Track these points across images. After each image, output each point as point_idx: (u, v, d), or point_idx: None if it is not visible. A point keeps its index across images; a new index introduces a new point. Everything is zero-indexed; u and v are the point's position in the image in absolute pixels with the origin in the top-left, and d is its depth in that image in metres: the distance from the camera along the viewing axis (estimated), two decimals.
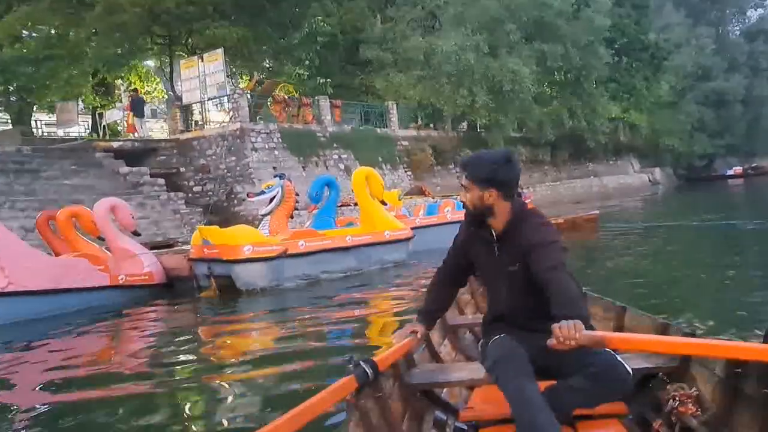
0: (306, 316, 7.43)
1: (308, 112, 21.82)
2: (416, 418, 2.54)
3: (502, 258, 2.37)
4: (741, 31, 62.78)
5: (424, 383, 2.64)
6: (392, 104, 25.47)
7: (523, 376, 2.12)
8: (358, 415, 2.08)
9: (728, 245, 11.28)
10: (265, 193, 10.94)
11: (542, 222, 2.36)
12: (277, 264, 8.65)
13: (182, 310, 8.47)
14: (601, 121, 34.59)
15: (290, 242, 8.94)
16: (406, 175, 24.34)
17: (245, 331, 7.12)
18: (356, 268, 9.84)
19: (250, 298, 8.44)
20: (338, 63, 27.13)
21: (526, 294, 2.31)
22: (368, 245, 9.90)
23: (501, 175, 2.31)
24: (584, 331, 1.91)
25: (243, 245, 8.41)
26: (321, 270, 9.30)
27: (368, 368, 2.15)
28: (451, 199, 14.85)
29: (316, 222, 10.80)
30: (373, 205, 10.26)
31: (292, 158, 20.53)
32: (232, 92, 20.25)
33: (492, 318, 2.52)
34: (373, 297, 8.40)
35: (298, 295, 8.63)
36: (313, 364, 5.09)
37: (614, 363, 2.09)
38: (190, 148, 20.51)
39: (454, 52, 25.22)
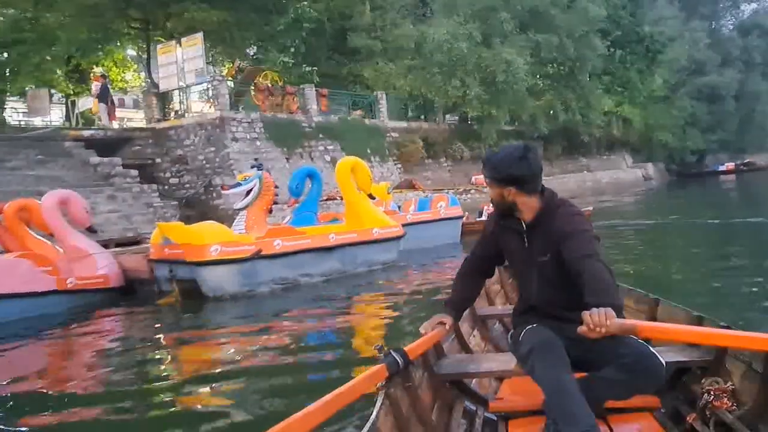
0: (282, 327, 6.46)
1: (293, 101, 20.71)
2: (446, 408, 2.52)
3: (532, 248, 2.35)
4: (734, 25, 62.25)
5: (454, 373, 2.62)
6: (382, 94, 24.47)
7: (560, 365, 2.10)
8: (388, 403, 2.06)
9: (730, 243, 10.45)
10: (241, 185, 9.95)
11: (574, 212, 2.33)
12: (250, 266, 7.57)
13: (141, 319, 7.39)
14: (596, 115, 33.91)
15: (265, 242, 7.85)
16: (396, 168, 23.36)
17: (211, 345, 6.09)
18: (340, 270, 8.76)
19: (218, 305, 7.37)
20: (325, 51, 26.03)
21: (556, 284, 2.29)
22: (354, 244, 8.82)
23: (516, 172, 2.28)
24: (615, 319, 1.89)
25: (209, 245, 7.31)
26: (300, 273, 8.24)
27: (399, 357, 2.13)
28: (444, 194, 13.87)
29: (297, 218, 9.77)
30: (359, 199, 9.17)
31: (275, 149, 19.48)
32: (211, 79, 19.07)
33: (523, 308, 2.50)
34: (360, 303, 7.41)
35: (273, 301, 7.58)
36: (290, 382, 4.46)
37: (647, 354, 2.08)
38: (166, 138, 19.40)
39: (446, 40, 24.31)
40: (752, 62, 55.60)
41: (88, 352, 6.17)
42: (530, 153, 2.31)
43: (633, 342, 2.10)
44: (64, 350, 6.41)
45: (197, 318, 7.13)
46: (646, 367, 2.06)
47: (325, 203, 16.11)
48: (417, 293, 7.36)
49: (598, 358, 2.14)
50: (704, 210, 18.26)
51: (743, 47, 55.67)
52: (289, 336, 6.04)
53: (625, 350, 2.07)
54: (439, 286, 7.73)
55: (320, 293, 7.86)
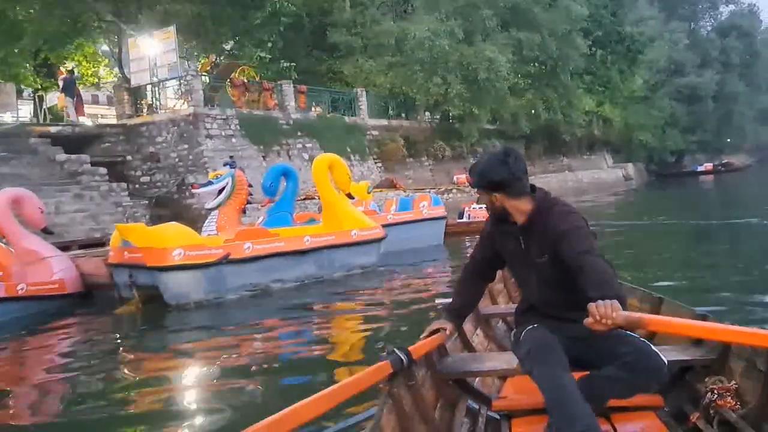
0: (251, 339, 5.91)
1: (270, 97, 20.08)
2: (449, 407, 2.51)
3: (529, 250, 2.32)
4: (713, 26, 62.79)
5: (457, 372, 2.61)
6: (362, 91, 23.94)
7: (558, 365, 2.08)
8: (391, 402, 2.05)
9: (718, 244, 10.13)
10: (212, 183, 9.42)
11: (568, 210, 2.29)
12: (216, 272, 6.98)
13: (97, 330, 6.76)
14: (577, 114, 33.79)
15: (233, 245, 7.24)
16: (376, 167, 22.85)
17: (172, 359, 5.51)
18: (316, 275, 8.16)
19: (182, 314, 6.75)
20: (304, 47, 25.42)
21: (556, 285, 2.26)
22: (331, 247, 8.24)
23: (498, 176, 2.28)
24: (622, 311, 1.85)
25: (172, 248, 6.69)
26: (272, 278, 7.64)
27: (402, 355, 2.10)
28: (426, 193, 13.37)
29: (270, 218, 9.21)
30: (337, 199, 8.62)
31: (251, 147, 18.85)
32: (185, 74, 18.37)
33: (525, 308, 2.48)
34: (337, 311, 6.87)
35: (242, 310, 7.00)
36: (259, 402, 4.01)
37: (649, 353, 2.06)
38: (138, 135, 18.69)
39: (428, 37, 23.87)
40: (730, 63, 56.13)
41: (34, 367, 5.56)
42: (510, 157, 2.29)
43: (634, 340, 2.11)
44: (6, 365, 5.77)
45: (159, 329, 6.54)
46: (648, 366, 2.04)
47: (303, 203, 15.56)
48: (399, 300, 6.85)
49: (600, 356, 2.13)
50: (688, 211, 18.08)
51: (722, 48, 56.18)
52: (259, 349, 5.52)
53: (626, 349, 2.07)
54: (422, 291, 7.24)
55: (294, 300, 7.26)
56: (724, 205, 20.08)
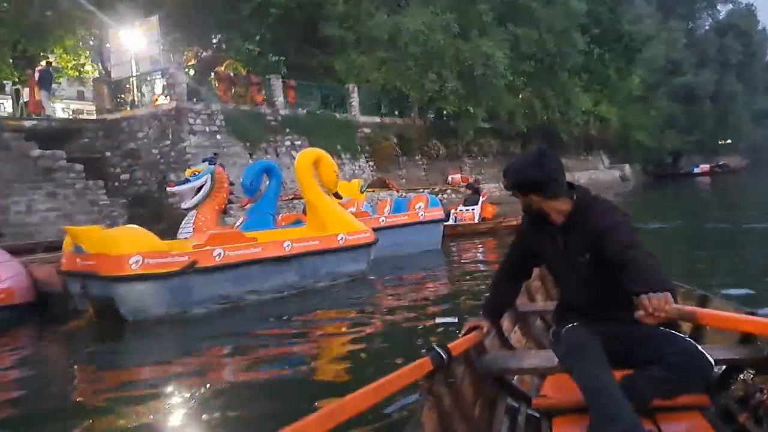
0: (219, 359, 5.08)
1: (257, 92, 19.21)
2: (488, 405, 2.49)
3: (569, 250, 2.29)
4: (710, 26, 62.33)
5: (496, 370, 2.60)
6: (353, 87, 23.11)
7: (597, 364, 2.06)
8: (431, 399, 2.07)
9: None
10: (189, 181, 8.56)
11: (609, 206, 2.28)
12: (181, 282, 6.05)
13: (44, 347, 5.85)
14: (575, 113, 33.09)
15: (201, 251, 6.33)
16: (368, 166, 22.04)
17: (127, 383, 4.64)
18: (298, 285, 7.20)
19: (141, 331, 5.83)
20: (294, 41, 24.50)
21: (597, 284, 2.23)
22: (315, 253, 7.28)
23: (532, 178, 2.25)
24: (674, 304, 1.83)
25: (128, 255, 5.76)
26: (247, 289, 6.69)
27: (442, 352, 2.13)
28: (423, 193, 12.49)
29: (250, 220, 8.33)
30: (323, 199, 7.71)
31: (237, 144, 18.01)
32: (167, 66, 17.47)
33: (564, 307, 2.45)
34: (320, 327, 5.96)
35: (210, 326, 6.10)
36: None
37: (695, 352, 2.05)
38: (118, 130, 17.85)
39: (422, 32, 23.06)
40: (728, 63, 55.68)
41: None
42: (544, 157, 2.26)
43: (680, 339, 2.11)
44: None
45: (113, 348, 5.63)
46: (694, 366, 2.03)
47: (292, 202, 14.71)
48: (391, 314, 5.93)
49: (643, 355, 2.11)
50: (693, 213, 17.34)
51: (719, 48, 55.72)
52: (228, 372, 4.69)
53: (671, 348, 2.06)
54: (417, 304, 6.33)
55: (271, 314, 6.35)
56: (727, 208, 19.34)
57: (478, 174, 28.18)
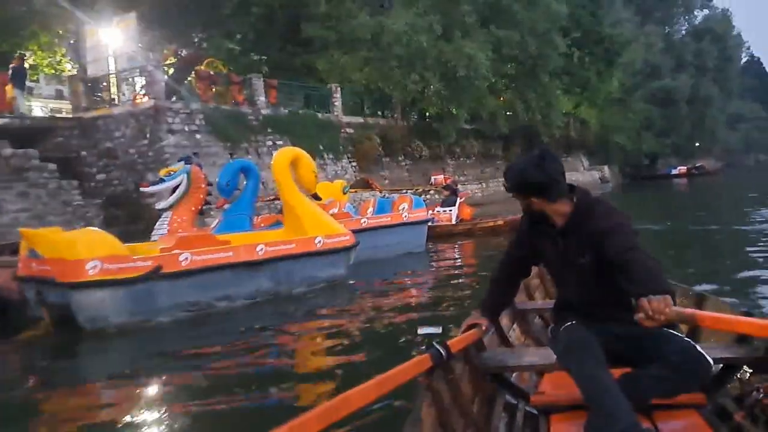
0: (184, 371, 4.79)
1: (238, 91, 18.94)
2: (487, 402, 2.51)
3: (568, 251, 2.28)
4: (687, 30, 63.11)
5: (495, 366, 2.60)
6: (336, 87, 22.93)
7: (596, 363, 2.06)
8: (430, 396, 2.08)
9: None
10: (164, 181, 8.34)
11: (610, 208, 2.26)
12: (144, 289, 5.77)
13: (5, 354, 5.57)
14: (556, 115, 33.26)
15: (167, 255, 6.04)
16: (351, 166, 21.86)
17: (83, 398, 4.35)
18: (272, 291, 6.88)
19: (100, 341, 5.51)
20: (276, 40, 24.25)
21: (596, 285, 2.23)
22: (290, 258, 6.99)
23: (534, 180, 2.22)
24: (674, 306, 1.83)
25: (86, 260, 5.45)
26: (216, 296, 6.36)
27: (441, 349, 2.13)
28: (407, 194, 12.34)
29: (226, 222, 8.13)
30: (300, 200, 7.50)
31: (217, 144, 17.72)
32: (145, 64, 17.14)
33: (562, 305, 2.45)
34: (294, 337, 5.68)
35: (176, 336, 5.79)
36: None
37: (695, 353, 2.04)
38: (94, 129, 17.44)
39: (405, 32, 22.95)
40: (704, 67, 56.41)
41: None
42: (545, 160, 2.23)
43: (679, 339, 2.09)
44: None
45: (70, 360, 5.27)
46: (693, 366, 2.01)
47: (273, 203, 14.48)
48: (370, 322, 5.71)
49: (642, 354, 2.11)
50: (674, 214, 17.45)
51: (696, 52, 56.39)
52: (193, 386, 4.36)
53: (671, 347, 2.04)
54: (399, 311, 6.07)
55: (242, 323, 6.07)
56: (705, 209, 19.50)
57: (460, 175, 28.18)
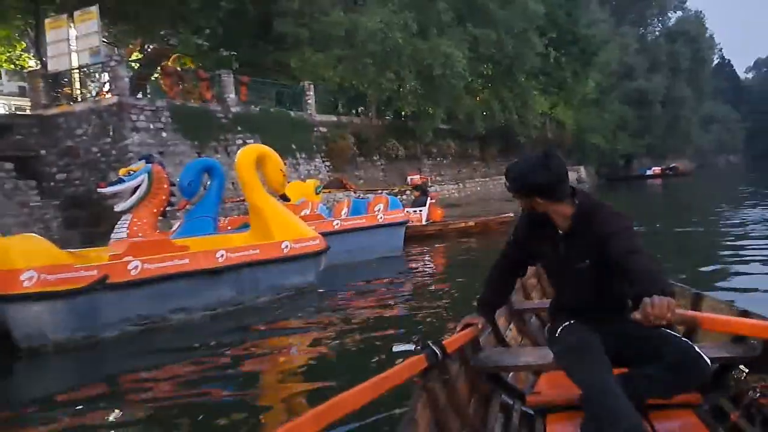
0: (132, 394, 4.26)
1: (207, 88, 18.25)
2: (482, 401, 2.49)
3: (569, 255, 2.25)
4: (661, 32, 63.70)
5: (491, 366, 2.58)
6: (309, 85, 22.34)
7: (599, 363, 2.04)
8: (425, 396, 2.06)
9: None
10: (123, 181, 7.71)
11: (612, 211, 2.23)
12: (88, 302, 5.14)
13: None
14: (533, 115, 33.10)
15: (114, 264, 5.41)
16: (324, 166, 21.31)
17: (16, 427, 3.80)
18: (234, 300, 6.26)
19: (38, 359, 4.91)
20: (247, 37, 23.55)
21: (594, 289, 2.22)
22: (254, 264, 6.38)
23: (537, 180, 2.18)
24: (677, 309, 1.81)
25: (21, 270, 4.84)
26: (171, 308, 5.70)
27: (437, 349, 2.10)
28: (382, 195, 11.84)
29: (188, 225, 7.54)
30: (267, 202, 6.91)
31: (184, 142, 17.03)
32: (108, 59, 16.37)
33: (559, 306, 2.42)
34: (255, 353, 5.04)
35: (123, 354, 5.17)
36: None
37: (693, 354, 2.02)
38: (55, 127, 16.61)
39: (380, 29, 22.44)
40: (678, 68, 56.93)
41: None
42: (551, 160, 2.19)
43: (677, 340, 2.07)
44: None
45: (3, 381, 4.70)
46: (692, 367, 1.99)
47: (244, 204, 13.85)
48: (341, 337, 5.14)
49: (640, 355, 2.09)
50: (653, 214, 17.24)
51: (670, 53, 56.88)
52: (140, 411, 3.84)
53: (669, 348, 2.02)
54: (372, 322, 5.53)
55: (199, 338, 5.43)
56: (681, 209, 19.36)
57: (437, 175, 27.80)
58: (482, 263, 9.09)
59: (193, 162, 8.40)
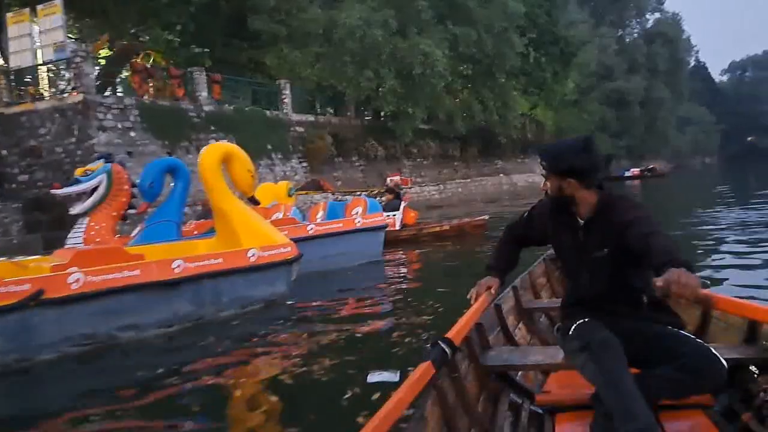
0: (72, 429, 3.64)
1: (178, 86, 17.57)
2: (491, 400, 2.49)
3: (588, 243, 2.25)
4: (639, 33, 64.12)
5: (500, 365, 2.57)
6: (285, 83, 21.75)
7: (618, 361, 2.00)
8: (435, 394, 2.05)
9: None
10: (80, 181, 7.14)
11: (633, 203, 2.24)
12: (20, 320, 4.48)
13: None
14: (513, 116, 32.83)
15: (52, 277, 4.75)
16: (301, 167, 20.74)
17: None
18: (193, 316, 5.50)
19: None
20: (221, 34, 22.86)
21: (611, 280, 2.21)
22: (216, 275, 5.63)
23: (578, 164, 2.20)
24: (699, 288, 1.75)
25: None
26: (119, 325, 4.98)
27: (446, 347, 2.07)
28: (361, 196, 11.27)
29: (148, 230, 6.97)
30: (234, 205, 6.32)
31: (154, 141, 16.38)
32: (73, 55, 15.62)
33: (572, 301, 2.40)
34: (213, 376, 4.35)
35: (62, 379, 4.50)
36: None
37: (709, 354, 2.00)
38: (17, 126, 15.83)
39: (359, 27, 21.93)
40: (656, 69, 57.25)
41: None
42: (593, 145, 2.24)
43: (692, 341, 2.07)
44: None
45: None
46: (707, 369, 1.97)
47: None
48: (316, 354, 4.54)
49: (655, 355, 2.07)
50: None
51: (648, 55, 57.20)
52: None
53: (685, 349, 2.01)
54: (348, 338, 4.96)
55: (151, 359, 4.79)
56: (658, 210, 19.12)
57: (417, 176, 27.34)
58: (462, 271, 8.55)
59: (155, 161, 7.81)
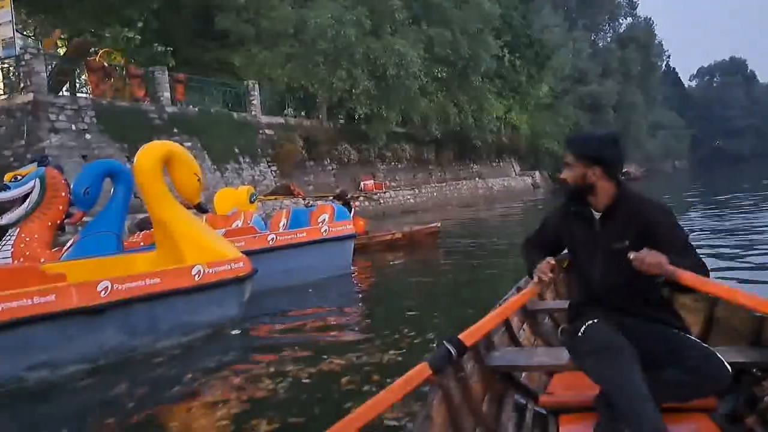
0: None
1: (138, 86, 16.61)
2: (496, 401, 2.49)
3: (605, 235, 2.26)
4: (612, 38, 64.60)
5: (505, 366, 2.57)
6: (254, 84, 20.89)
7: (629, 364, 1.99)
8: (441, 394, 2.08)
9: None
10: (9, 188, 6.36)
11: (657, 201, 2.29)
12: None
13: None
14: (489, 119, 32.40)
15: None
16: (270, 171, 19.89)
17: None
18: (122, 348, 4.60)
19: None
20: (185, 33, 21.93)
21: (625, 273, 2.16)
22: (152, 298, 4.74)
23: (607, 154, 2.23)
24: (667, 265, 2.00)
25: None
26: (28, 364, 4.09)
27: (452, 347, 2.07)
28: (328, 203, 10.45)
29: (82, 242, 6.09)
30: (175, 214, 5.40)
31: (112, 144, 15.43)
32: (22, 51, 14.62)
33: (583, 300, 2.39)
34: (151, 422, 3.53)
35: None
36: None
37: (714, 359, 2.01)
38: None
39: (331, 26, 21.19)
40: (629, 74, 57.58)
41: None
42: (620, 139, 2.29)
43: (698, 345, 2.08)
44: None
45: None
46: (712, 372, 1.98)
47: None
48: (272, 390, 3.74)
49: (660, 358, 2.08)
50: None
51: (621, 59, 57.50)
52: None
53: (690, 352, 2.03)
54: (310, 369, 4.11)
55: (71, 403, 3.89)
56: None
57: (392, 180, 26.66)
58: (426, 284, 7.76)
59: (92, 164, 6.92)
